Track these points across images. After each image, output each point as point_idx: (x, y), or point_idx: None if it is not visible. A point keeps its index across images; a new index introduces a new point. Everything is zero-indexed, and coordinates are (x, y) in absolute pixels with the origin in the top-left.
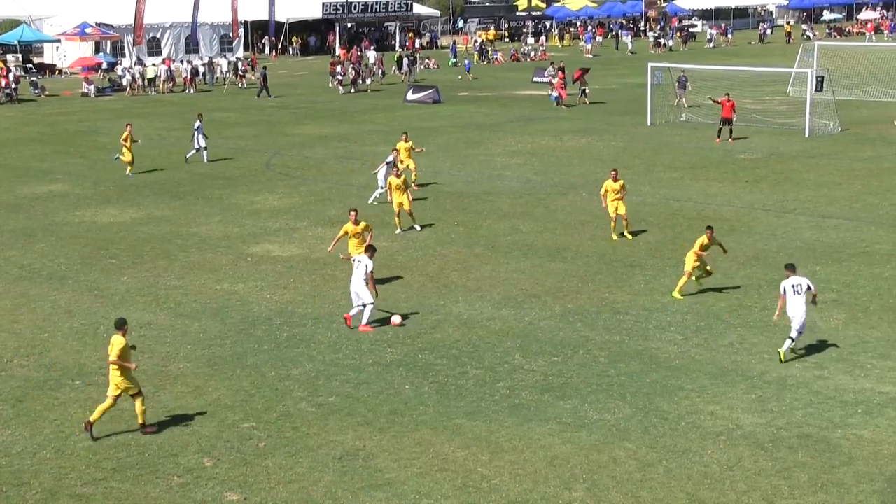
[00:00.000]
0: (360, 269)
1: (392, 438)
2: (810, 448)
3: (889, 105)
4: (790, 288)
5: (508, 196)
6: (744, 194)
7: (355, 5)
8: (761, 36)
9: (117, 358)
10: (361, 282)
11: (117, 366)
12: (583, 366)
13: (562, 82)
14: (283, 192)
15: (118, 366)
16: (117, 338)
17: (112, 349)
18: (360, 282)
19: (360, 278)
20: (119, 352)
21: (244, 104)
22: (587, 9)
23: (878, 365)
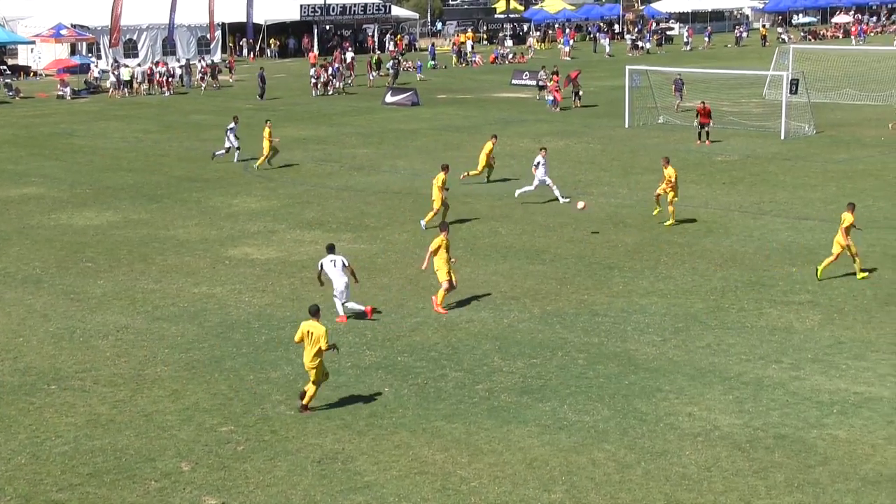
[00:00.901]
0: (338, 266)
1: (371, 441)
2: (787, 448)
3: (863, 108)
4: None
5: (487, 198)
6: (720, 196)
7: (333, 7)
8: (737, 39)
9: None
10: (344, 278)
11: (323, 355)
12: (561, 368)
13: (556, 85)
14: (261, 194)
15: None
16: (317, 325)
17: (321, 339)
18: (343, 278)
19: (342, 275)
20: (327, 338)
21: (221, 106)
22: (565, 11)
23: (852, 365)
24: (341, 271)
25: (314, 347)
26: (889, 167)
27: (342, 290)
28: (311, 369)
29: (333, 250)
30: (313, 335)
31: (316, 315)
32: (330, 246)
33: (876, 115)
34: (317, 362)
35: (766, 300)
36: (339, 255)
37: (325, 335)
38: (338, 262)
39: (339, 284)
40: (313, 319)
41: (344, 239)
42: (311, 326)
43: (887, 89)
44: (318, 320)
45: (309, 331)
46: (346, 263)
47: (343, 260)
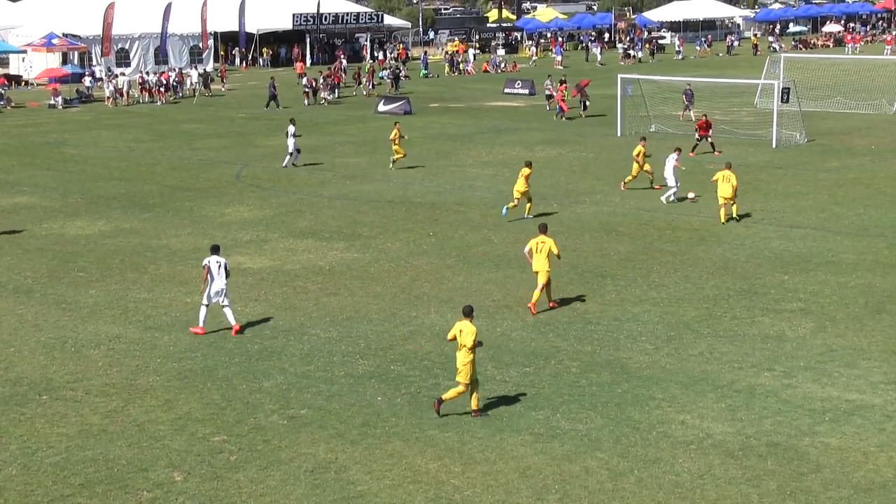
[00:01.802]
0: (221, 269)
1: (364, 450)
2: (779, 456)
3: (853, 116)
4: None
5: (480, 207)
6: (712, 204)
7: (326, 17)
8: (729, 48)
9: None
10: (223, 282)
11: (472, 354)
12: (554, 376)
13: (562, 95)
14: (254, 203)
15: (473, 354)
16: (469, 325)
17: (469, 337)
18: (222, 282)
19: (221, 279)
20: (474, 339)
21: (214, 115)
22: (557, 20)
23: (844, 373)
24: (221, 274)
25: (464, 348)
26: (879, 176)
27: (217, 291)
28: (461, 368)
29: (218, 251)
30: (464, 333)
31: (469, 315)
32: (214, 247)
33: (866, 124)
34: (468, 361)
35: (759, 308)
36: (222, 258)
37: (472, 333)
38: (221, 265)
39: (216, 286)
40: (466, 319)
41: (337, 248)
42: (463, 325)
43: (877, 98)
44: (472, 320)
45: (461, 330)
46: (226, 267)
47: (225, 263)
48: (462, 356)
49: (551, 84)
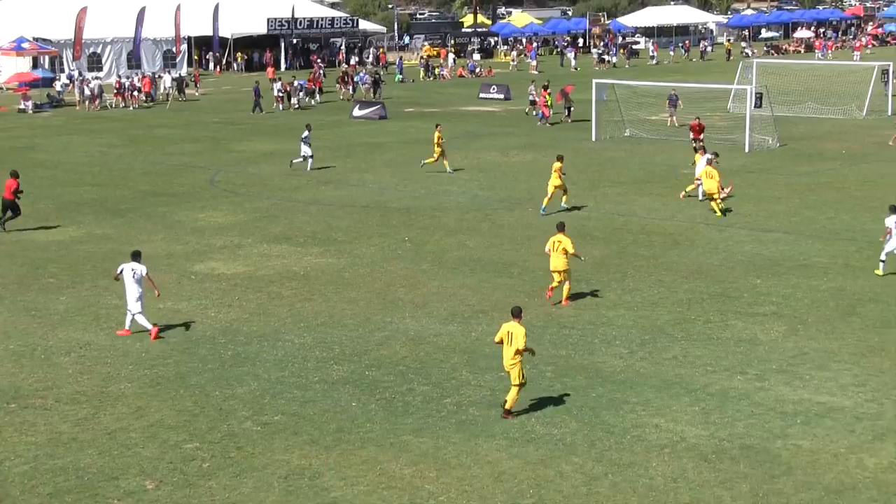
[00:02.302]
0: (136, 277)
1: (338, 456)
2: (752, 459)
3: (824, 121)
4: None
5: (455, 212)
6: (686, 209)
7: (301, 21)
8: (702, 53)
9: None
10: (138, 290)
11: (520, 354)
12: (529, 380)
13: (545, 100)
14: (228, 209)
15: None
16: (518, 326)
17: (519, 339)
18: (137, 290)
19: (136, 287)
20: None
21: (188, 120)
22: (532, 25)
23: (816, 376)
24: (136, 282)
25: (513, 348)
26: (850, 180)
27: (134, 299)
28: (511, 370)
29: (138, 258)
30: (513, 335)
31: (518, 316)
32: (135, 253)
33: (837, 129)
34: (516, 362)
35: (732, 312)
36: (142, 266)
37: (523, 335)
38: (137, 272)
39: (132, 294)
40: (515, 321)
41: (312, 253)
42: (511, 327)
43: (848, 103)
44: (520, 322)
45: (510, 331)
46: (144, 274)
47: (143, 270)
48: (509, 357)
49: (535, 89)
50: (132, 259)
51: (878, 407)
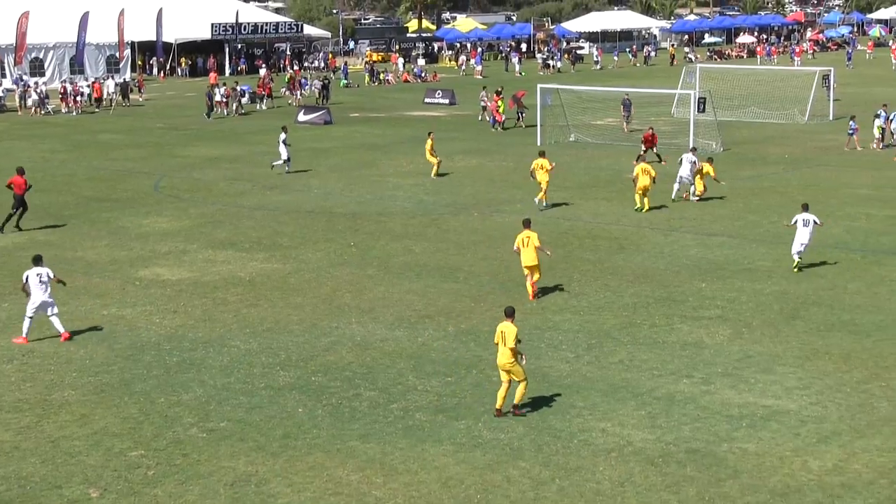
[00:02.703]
0: (43, 281)
1: (285, 463)
2: (698, 462)
3: (767, 126)
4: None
5: (401, 217)
6: (631, 213)
7: (245, 26)
8: (646, 58)
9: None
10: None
11: (513, 353)
12: (476, 385)
13: (496, 105)
14: (173, 214)
15: (514, 353)
16: (510, 325)
17: (510, 338)
18: (44, 295)
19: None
20: (515, 339)
21: (132, 126)
22: (477, 30)
23: (761, 379)
24: (43, 286)
25: (507, 347)
26: (792, 184)
27: (42, 304)
28: (510, 369)
29: (40, 262)
30: (505, 335)
31: (510, 316)
32: (36, 257)
33: (779, 134)
34: (513, 361)
35: (677, 316)
36: (45, 268)
37: (514, 335)
38: (43, 276)
39: (36, 299)
40: (508, 320)
41: (257, 258)
42: (504, 327)
43: (789, 108)
44: (513, 321)
45: (502, 331)
46: (51, 276)
47: (48, 273)
48: (507, 356)
49: (486, 95)
50: (35, 264)
51: (823, 410)
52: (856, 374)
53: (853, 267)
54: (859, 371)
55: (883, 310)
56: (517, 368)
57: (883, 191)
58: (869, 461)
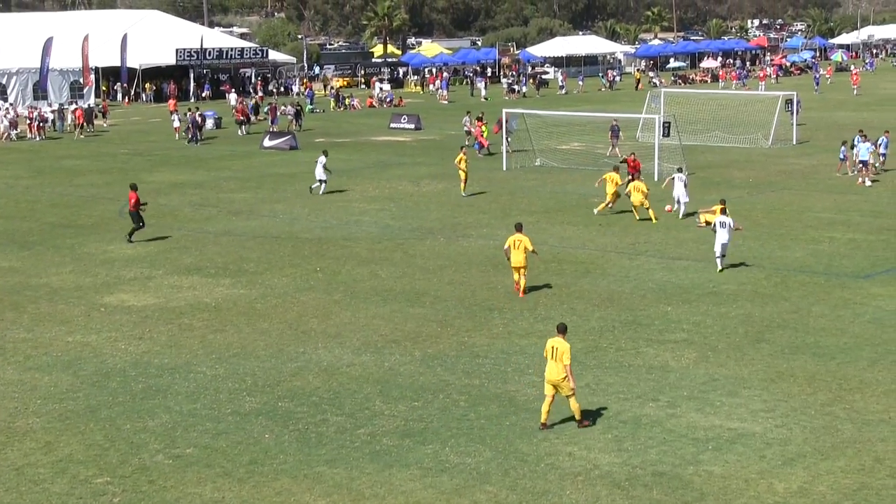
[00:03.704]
0: None
1: (252, 489)
2: (664, 485)
3: (731, 150)
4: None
5: (367, 241)
6: (597, 237)
7: (210, 52)
8: (611, 83)
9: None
10: None
11: (567, 369)
12: (443, 410)
13: (480, 131)
14: (138, 240)
15: (568, 369)
16: (563, 342)
17: (565, 355)
18: None
19: None
20: (570, 356)
21: (96, 151)
22: (442, 55)
23: (726, 402)
24: None
25: (560, 363)
26: (757, 208)
27: None
28: (561, 384)
29: None
30: (558, 350)
31: (563, 332)
32: None
33: (744, 158)
34: (564, 377)
35: (643, 339)
36: None
37: (568, 351)
38: None
39: None
40: (560, 336)
41: (223, 284)
42: (556, 342)
43: (753, 132)
44: (564, 337)
45: (554, 346)
46: None
47: None
48: (559, 372)
49: (469, 120)
50: None
51: (788, 432)
52: (820, 397)
53: (817, 290)
54: (823, 393)
55: (847, 332)
56: (566, 384)
57: (846, 214)
58: (833, 483)
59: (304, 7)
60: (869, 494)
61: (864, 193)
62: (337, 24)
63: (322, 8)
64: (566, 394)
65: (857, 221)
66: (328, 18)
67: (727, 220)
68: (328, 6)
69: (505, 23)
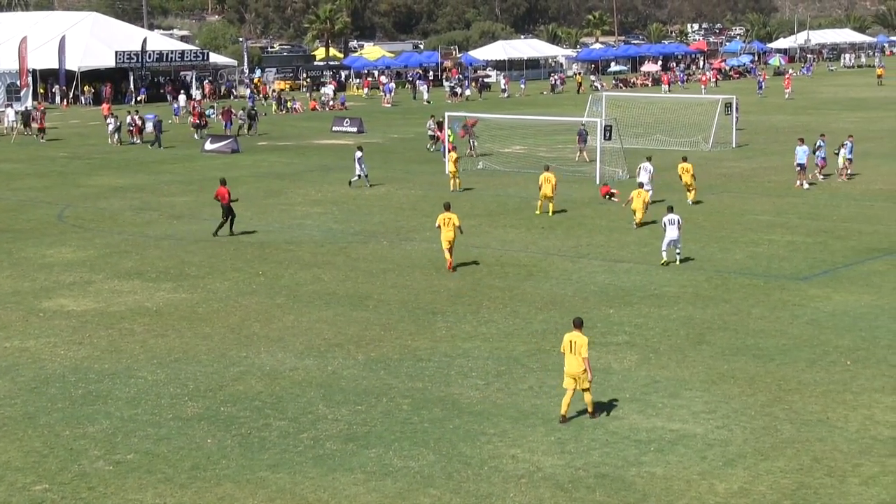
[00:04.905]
0: None
1: (194, 494)
2: (607, 487)
3: (672, 153)
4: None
5: (310, 245)
6: (539, 240)
7: (150, 54)
8: (553, 86)
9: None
10: None
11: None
12: (386, 414)
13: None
14: (77, 244)
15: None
16: (581, 335)
17: (584, 348)
18: None
19: None
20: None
21: (33, 155)
22: (384, 59)
23: (668, 403)
24: None
25: (579, 356)
26: (698, 210)
27: None
28: (580, 377)
29: None
30: (577, 344)
31: (579, 326)
32: None
33: None
34: (583, 370)
35: None
36: None
37: (587, 344)
38: None
39: None
40: (577, 330)
41: (164, 288)
42: (574, 336)
43: (694, 135)
44: (581, 331)
45: (572, 340)
46: None
47: None
48: (579, 365)
49: (434, 124)
50: None
51: (728, 433)
52: (760, 398)
53: (756, 292)
54: (763, 394)
55: (786, 334)
56: (585, 376)
57: (784, 216)
58: (773, 483)
59: (245, 10)
60: (808, 494)
61: (803, 196)
62: (278, 27)
63: (263, 11)
64: (584, 387)
65: (795, 224)
66: (269, 21)
67: (675, 217)
68: (269, 9)
69: (447, 26)
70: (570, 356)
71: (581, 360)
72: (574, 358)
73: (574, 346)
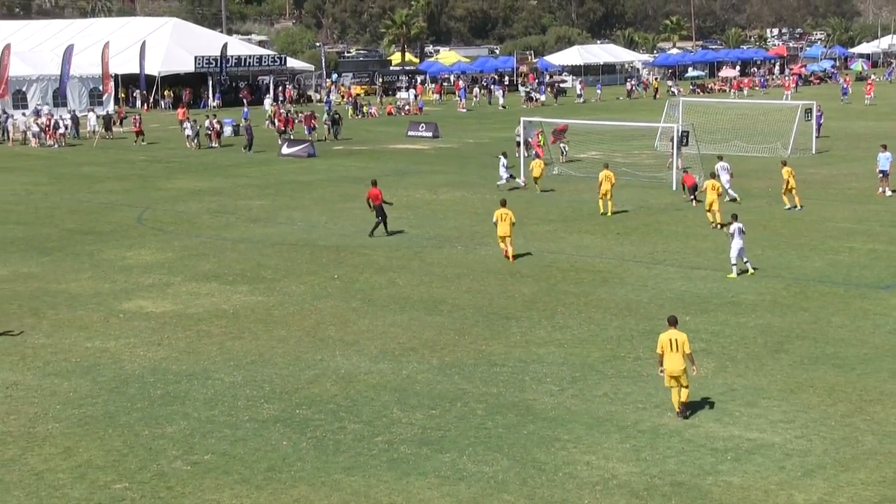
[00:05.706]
0: None
1: (269, 496)
2: (683, 495)
3: (749, 159)
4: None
5: (384, 249)
6: (615, 246)
7: (229, 59)
8: (629, 92)
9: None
10: None
11: (690, 358)
12: (460, 418)
13: (538, 141)
14: (156, 246)
15: (690, 358)
16: (680, 333)
17: (686, 344)
18: None
19: None
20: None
21: (114, 158)
22: (459, 64)
23: (745, 412)
24: None
25: (681, 353)
26: (776, 218)
27: None
28: (681, 374)
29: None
30: (678, 342)
31: (674, 324)
32: None
33: (762, 167)
34: (684, 367)
35: None
36: None
37: (687, 340)
38: None
39: None
40: (672, 328)
41: (241, 291)
42: (673, 335)
43: (772, 141)
44: (677, 328)
45: (673, 339)
46: None
47: None
48: (680, 363)
49: (524, 131)
50: None
51: (807, 443)
52: (840, 408)
53: (836, 300)
54: (843, 404)
55: (867, 343)
56: (685, 375)
57: (865, 224)
58: (854, 494)
59: (322, 15)
60: None
61: (884, 203)
62: (355, 31)
63: (340, 16)
64: (685, 384)
65: (876, 231)
66: (346, 26)
67: (741, 226)
68: (346, 14)
69: (523, 31)
70: (671, 354)
71: (683, 358)
72: (675, 356)
73: (675, 343)
